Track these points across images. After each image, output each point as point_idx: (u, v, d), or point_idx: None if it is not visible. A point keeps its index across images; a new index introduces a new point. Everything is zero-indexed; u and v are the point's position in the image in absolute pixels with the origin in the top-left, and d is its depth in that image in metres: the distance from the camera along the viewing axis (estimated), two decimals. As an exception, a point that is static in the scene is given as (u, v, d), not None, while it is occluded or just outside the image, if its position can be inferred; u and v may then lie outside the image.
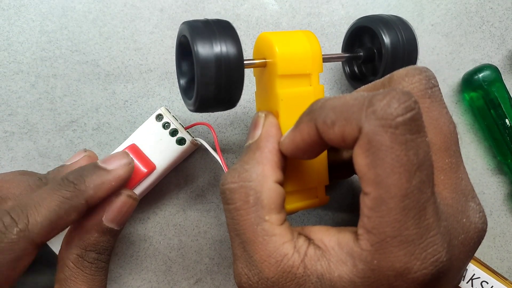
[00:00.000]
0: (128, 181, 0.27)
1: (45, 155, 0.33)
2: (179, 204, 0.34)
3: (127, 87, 0.33)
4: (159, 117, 0.31)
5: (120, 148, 0.31)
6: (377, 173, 0.19)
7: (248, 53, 0.34)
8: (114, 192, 0.27)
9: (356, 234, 0.21)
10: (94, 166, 0.27)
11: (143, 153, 0.30)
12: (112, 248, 0.28)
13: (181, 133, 0.31)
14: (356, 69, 0.33)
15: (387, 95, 0.19)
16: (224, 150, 0.34)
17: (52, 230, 0.24)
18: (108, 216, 0.27)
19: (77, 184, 0.25)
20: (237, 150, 0.34)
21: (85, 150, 0.30)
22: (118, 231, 0.27)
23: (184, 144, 0.31)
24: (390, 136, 0.18)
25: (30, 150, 0.32)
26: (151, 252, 0.34)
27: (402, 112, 0.18)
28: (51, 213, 0.24)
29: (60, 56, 0.33)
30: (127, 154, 0.28)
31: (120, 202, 0.27)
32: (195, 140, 0.31)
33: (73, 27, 0.33)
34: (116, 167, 0.27)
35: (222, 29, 0.24)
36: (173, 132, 0.31)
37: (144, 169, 0.30)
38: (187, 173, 0.34)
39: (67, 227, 0.25)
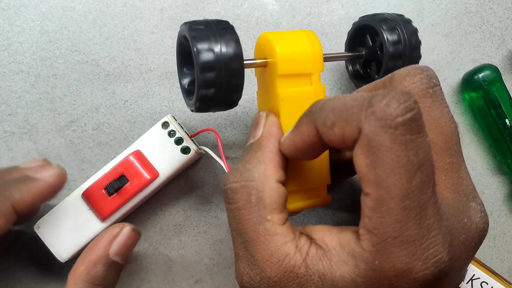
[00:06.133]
0: (60, 188, 0.27)
1: (45, 155, 0.33)
2: (179, 204, 0.34)
3: (127, 87, 0.33)
4: (165, 124, 0.31)
5: (125, 153, 0.31)
6: (377, 173, 0.19)
7: (248, 53, 0.34)
8: (45, 199, 0.27)
9: (357, 234, 0.21)
10: (22, 175, 0.27)
11: (147, 159, 0.30)
12: (115, 285, 0.28)
13: (186, 142, 0.31)
14: (359, 68, 0.33)
15: (387, 96, 0.19)
16: (224, 150, 0.34)
17: None
18: (114, 249, 0.27)
19: (3, 189, 0.26)
20: (238, 150, 0.34)
21: (44, 160, 0.29)
22: (122, 266, 0.28)
23: (189, 153, 0.31)
24: (390, 136, 0.18)
25: (30, 150, 0.32)
26: (151, 252, 0.34)
27: (402, 113, 0.18)
28: None
29: (60, 56, 0.33)
30: (59, 166, 0.28)
31: (126, 235, 0.27)
32: (200, 149, 0.31)
33: (73, 27, 0.33)
34: (44, 176, 0.27)
35: (221, 29, 0.24)
36: (178, 141, 0.31)
37: (147, 176, 0.30)
38: (188, 173, 0.34)
39: None
